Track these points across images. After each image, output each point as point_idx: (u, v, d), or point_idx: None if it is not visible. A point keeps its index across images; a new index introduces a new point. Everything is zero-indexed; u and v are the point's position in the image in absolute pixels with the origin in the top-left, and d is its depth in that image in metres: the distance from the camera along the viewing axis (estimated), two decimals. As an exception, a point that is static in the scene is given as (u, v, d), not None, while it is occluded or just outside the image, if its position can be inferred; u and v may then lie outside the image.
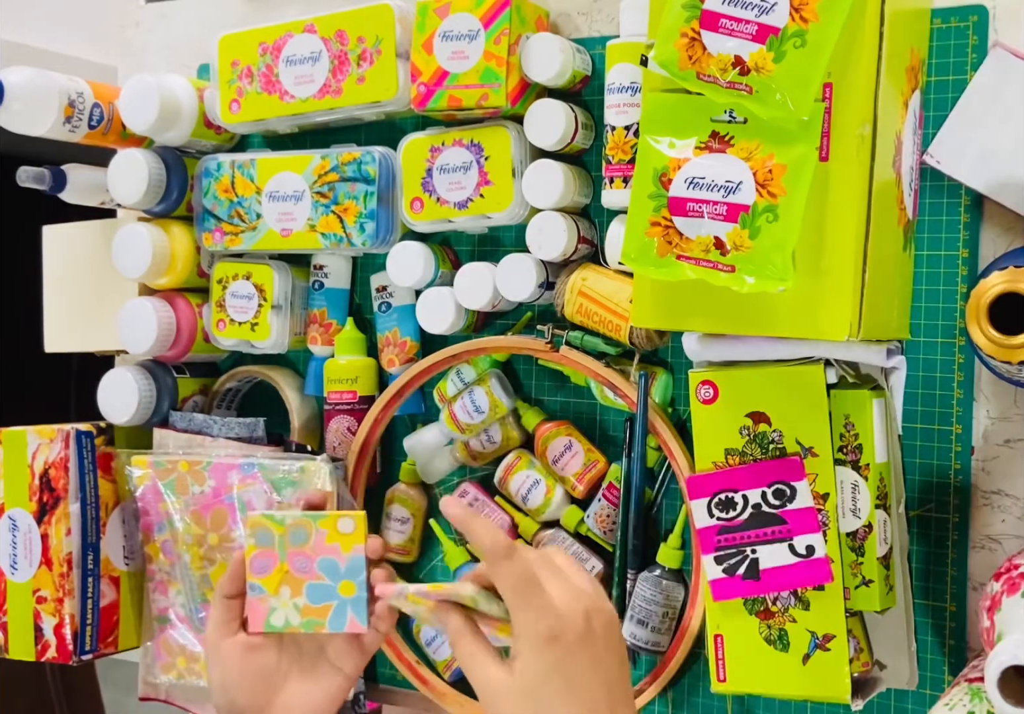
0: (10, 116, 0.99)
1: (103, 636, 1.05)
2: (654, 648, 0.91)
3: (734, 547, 0.81)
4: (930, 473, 0.84)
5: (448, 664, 1.01)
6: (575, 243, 0.91)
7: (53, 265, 1.16)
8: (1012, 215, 0.80)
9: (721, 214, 0.72)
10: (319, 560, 0.77)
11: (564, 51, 0.90)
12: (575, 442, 0.95)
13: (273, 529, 0.77)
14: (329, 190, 1.00)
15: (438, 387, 1.01)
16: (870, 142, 0.72)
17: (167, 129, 1.05)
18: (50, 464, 1.03)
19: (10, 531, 1.05)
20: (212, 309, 1.07)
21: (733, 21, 0.71)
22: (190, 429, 1.06)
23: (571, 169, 0.92)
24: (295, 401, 1.08)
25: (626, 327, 0.89)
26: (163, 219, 1.08)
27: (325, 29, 0.99)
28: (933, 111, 0.82)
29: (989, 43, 0.81)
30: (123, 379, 1.06)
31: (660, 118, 0.76)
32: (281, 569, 0.78)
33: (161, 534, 1.04)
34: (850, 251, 0.72)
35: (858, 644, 0.82)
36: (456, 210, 0.95)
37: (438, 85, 0.93)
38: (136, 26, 1.22)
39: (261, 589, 0.78)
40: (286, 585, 0.78)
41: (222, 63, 1.04)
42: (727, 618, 0.82)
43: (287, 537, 0.78)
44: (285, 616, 0.77)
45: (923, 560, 0.84)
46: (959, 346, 0.83)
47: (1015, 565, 0.73)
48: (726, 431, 0.82)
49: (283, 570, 0.78)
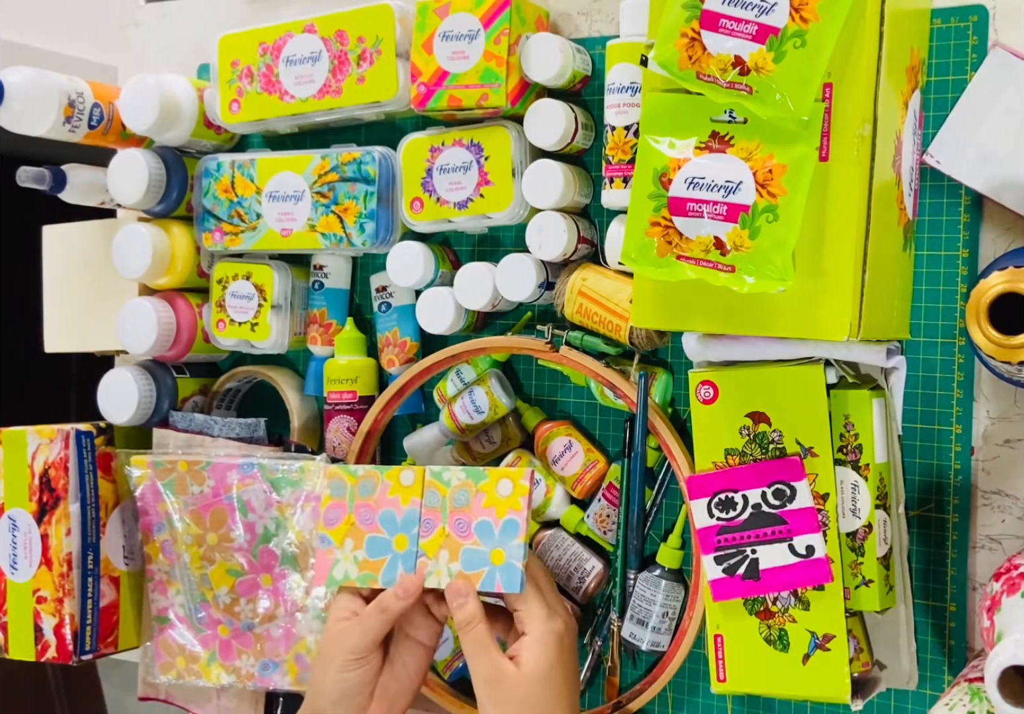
0: (10, 116, 0.99)
1: (103, 636, 1.05)
2: (654, 648, 0.91)
3: (734, 547, 0.81)
4: (930, 473, 0.84)
5: (448, 664, 1.01)
6: (575, 243, 0.91)
7: (53, 265, 1.16)
8: (1012, 215, 0.80)
9: (721, 214, 0.72)
10: (381, 512, 0.77)
11: (564, 51, 0.90)
12: (575, 442, 0.95)
13: (346, 480, 0.77)
14: (329, 190, 1.00)
15: (438, 387, 1.01)
16: (870, 142, 0.72)
17: (167, 129, 1.05)
18: (50, 464, 1.03)
19: (10, 531, 1.05)
20: (212, 309, 1.07)
21: (733, 21, 0.71)
22: (190, 429, 1.06)
23: (571, 169, 0.92)
24: (295, 401, 1.08)
25: (626, 327, 0.89)
26: (163, 219, 1.08)
27: (325, 29, 0.99)
28: (933, 111, 0.82)
29: (989, 43, 0.81)
30: (123, 379, 1.06)
31: (660, 118, 0.76)
32: (348, 521, 0.78)
33: (160, 534, 1.04)
34: (850, 251, 0.72)
35: (858, 644, 0.82)
36: (456, 210, 0.95)
37: (438, 85, 0.93)
38: (136, 26, 1.22)
39: (329, 540, 0.78)
40: (350, 537, 0.78)
41: (222, 63, 1.04)
42: (727, 618, 0.82)
43: (356, 488, 0.77)
44: (345, 569, 0.78)
45: (923, 560, 0.84)
46: (959, 346, 0.83)
47: (1015, 565, 0.73)
48: (726, 431, 0.82)
49: (350, 522, 0.78)
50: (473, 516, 0.77)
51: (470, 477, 0.77)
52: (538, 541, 0.97)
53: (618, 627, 0.92)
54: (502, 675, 0.76)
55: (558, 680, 0.77)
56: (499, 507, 0.76)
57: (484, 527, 0.77)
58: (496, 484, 0.77)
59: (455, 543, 0.77)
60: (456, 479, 0.77)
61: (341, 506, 0.78)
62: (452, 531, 0.77)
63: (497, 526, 0.76)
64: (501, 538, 0.76)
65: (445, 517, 0.77)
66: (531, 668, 0.76)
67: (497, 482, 0.77)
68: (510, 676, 0.76)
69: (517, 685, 0.76)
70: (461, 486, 0.77)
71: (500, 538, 0.76)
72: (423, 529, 0.77)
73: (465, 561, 0.77)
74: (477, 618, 0.77)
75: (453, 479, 0.77)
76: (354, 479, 0.77)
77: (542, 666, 0.76)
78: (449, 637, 1.01)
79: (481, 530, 0.77)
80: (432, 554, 0.77)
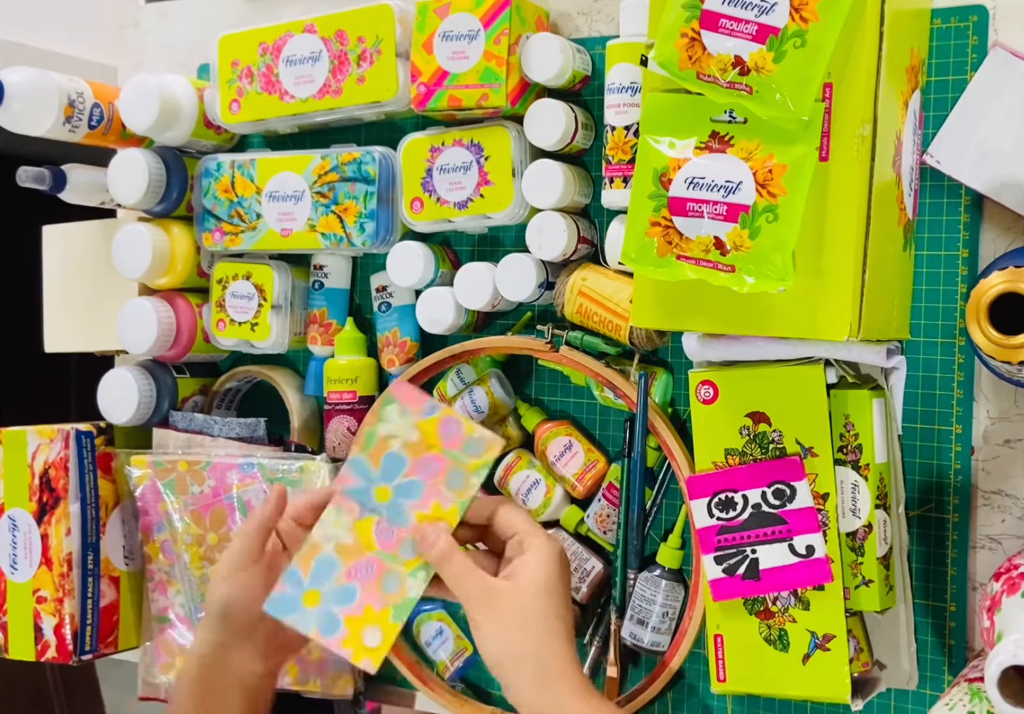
0: (10, 116, 0.99)
1: (103, 636, 1.05)
2: (654, 648, 0.91)
3: (734, 547, 0.81)
4: (930, 473, 0.84)
5: (448, 664, 1.01)
6: (575, 243, 0.91)
7: (53, 265, 1.16)
8: (1012, 215, 0.80)
9: (721, 214, 0.72)
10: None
11: (564, 51, 0.90)
12: (575, 442, 0.95)
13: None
14: (329, 190, 1.00)
15: (438, 387, 1.01)
16: (870, 142, 0.72)
17: (167, 129, 1.05)
18: (50, 464, 1.03)
19: (10, 531, 1.05)
20: (212, 309, 1.07)
21: (733, 21, 0.71)
22: (191, 429, 1.06)
23: (571, 169, 0.92)
24: (295, 401, 1.08)
25: (626, 327, 0.89)
26: (163, 219, 1.08)
27: (325, 29, 0.99)
28: (933, 111, 0.82)
29: (989, 43, 0.81)
30: (123, 379, 1.06)
31: (660, 118, 0.76)
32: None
33: (160, 534, 1.04)
34: (850, 251, 0.72)
35: (858, 644, 0.82)
36: (456, 210, 0.95)
37: (438, 85, 0.93)
38: (136, 26, 1.22)
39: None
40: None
41: (222, 63, 1.04)
42: (727, 618, 0.82)
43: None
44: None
45: (923, 560, 0.84)
46: (959, 346, 0.83)
47: (1015, 565, 0.73)
48: (726, 431, 0.82)
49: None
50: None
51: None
52: (538, 541, 0.97)
53: (618, 627, 0.92)
54: (498, 593, 0.73)
55: (562, 594, 0.74)
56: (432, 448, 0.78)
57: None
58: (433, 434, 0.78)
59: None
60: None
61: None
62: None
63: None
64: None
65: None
66: (530, 582, 0.73)
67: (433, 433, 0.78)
68: (507, 592, 0.73)
69: (517, 598, 0.72)
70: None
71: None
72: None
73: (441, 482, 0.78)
74: (451, 548, 0.74)
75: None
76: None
77: (544, 580, 0.73)
78: (449, 637, 1.01)
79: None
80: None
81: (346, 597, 0.76)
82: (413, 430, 0.78)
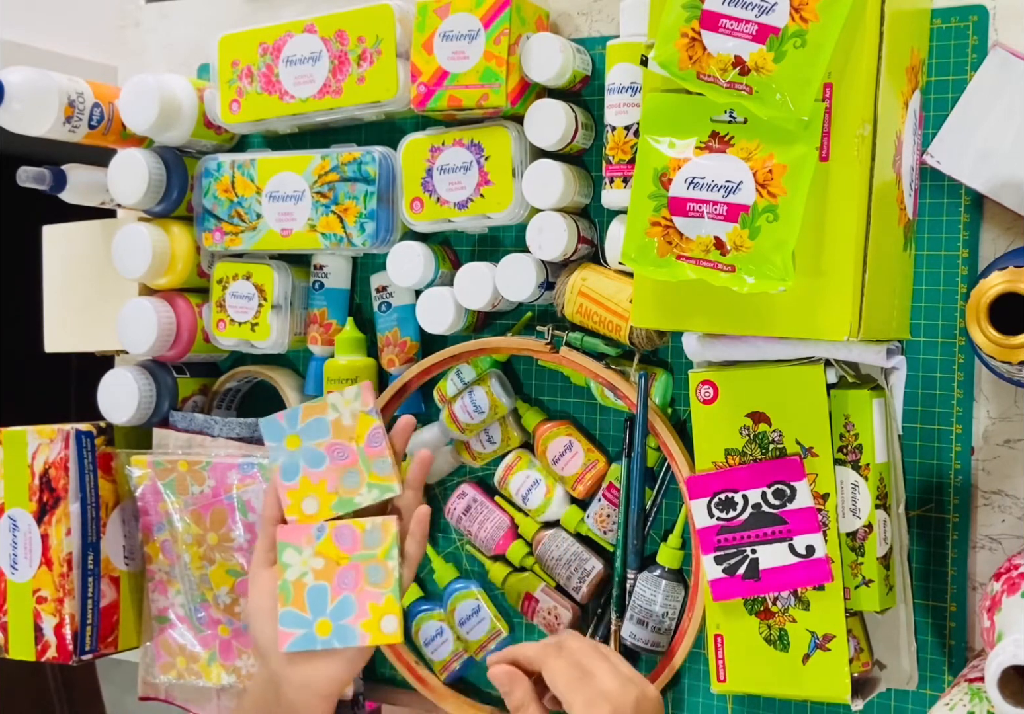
0: (10, 116, 0.99)
1: (103, 636, 1.05)
2: (654, 648, 0.91)
3: (734, 547, 0.81)
4: (930, 473, 0.84)
5: (446, 664, 1.01)
6: (575, 243, 0.91)
7: (53, 265, 1.16)
8: (1012, 215, 0.80)
9: (721, 214, 0.72)
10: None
11: (564, 51, 0.90)
12: (575, 442, 0.95)
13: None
14: (329, 190, 1.00)
15: (438, 387, 1.01)
16: (870, 142, 0.72)
17: (167, 129, 1.05)
18: (50, 464, 1.03)
19: (10, 531, 1.05)
20: (212, 309, 1.07)
21: (733, 21, 0.71)
22: (190, 429, 1.06)
23: (571, 169, 0.92)
24: (295, 401, 1.08)
25: (626, 327, 0.89)
26: (163, 219, 1.08)
27: (325, 29, 0.99)
28: (933, 111, 0.82)
29: (989, 43, 0.81)
30: (123, 379, 1.06)
31: (660, 118, 0.76)
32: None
33: (161, 534, 1.04)
34: (850, 251, 0.72)
35: (858, 644, 0.82)
36: (456, 210, 0.95)
37: (438, 85, 0.93)
38: (136, 26, 1.22)
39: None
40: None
41: (222, 63, 1.04)
42: (727, 618, 0.82)
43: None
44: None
45: (923, 560, 0.84)
46: (959, 346, 0.83)
47: (1015, 565, 0.73)
48: (726, 431, 0.82)
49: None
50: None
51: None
52: (538, 541, 0.97)
53: (618, 627, 0.92)
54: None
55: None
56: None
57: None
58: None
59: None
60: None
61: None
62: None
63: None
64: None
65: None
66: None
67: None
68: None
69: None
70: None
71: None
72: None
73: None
74: (526, 703, 0.75)
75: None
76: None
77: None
78: (448, 638, 1.01)
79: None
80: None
81: (347, 609, 0.82)
82: (353, 417, 0.85)
